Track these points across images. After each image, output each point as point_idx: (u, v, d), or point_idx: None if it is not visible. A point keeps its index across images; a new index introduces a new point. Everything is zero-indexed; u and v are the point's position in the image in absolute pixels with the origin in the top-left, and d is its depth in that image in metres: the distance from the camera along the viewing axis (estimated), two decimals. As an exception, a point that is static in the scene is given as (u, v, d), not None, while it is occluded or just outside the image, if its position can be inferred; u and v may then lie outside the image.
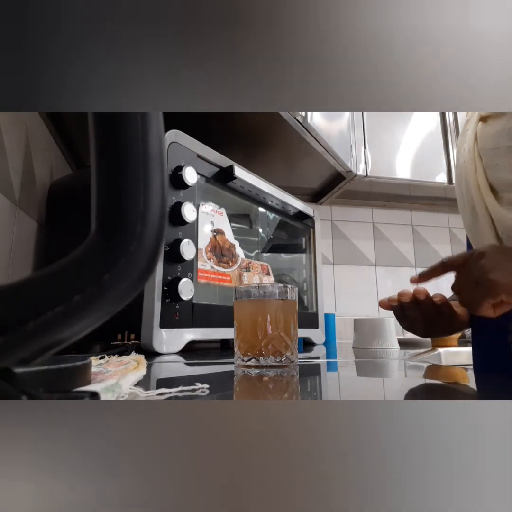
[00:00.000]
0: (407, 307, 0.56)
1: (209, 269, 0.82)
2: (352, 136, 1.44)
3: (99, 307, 0.16)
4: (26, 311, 0.15)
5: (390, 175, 1.50)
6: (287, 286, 0.51)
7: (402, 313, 0.57)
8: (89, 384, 0.30)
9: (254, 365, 0.48)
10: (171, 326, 0.70)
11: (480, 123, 0.56)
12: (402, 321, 0.59)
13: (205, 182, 0.85)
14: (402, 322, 0.59)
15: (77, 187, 0.91)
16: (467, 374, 0.49)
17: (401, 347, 0.92)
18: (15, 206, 0.78)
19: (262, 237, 1.07)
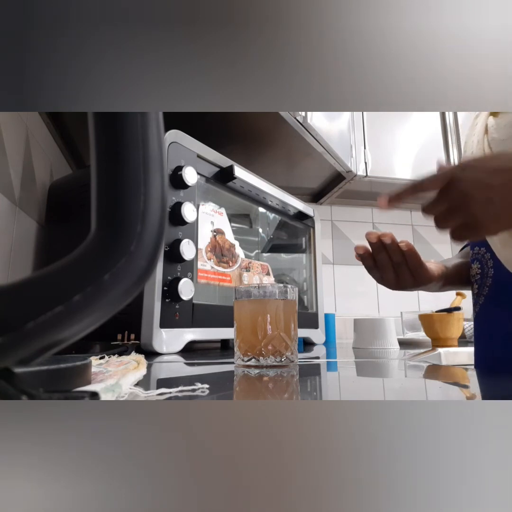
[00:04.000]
0: (375, 251, 0.57)
1: (209, 269, 0.82)
2: (352, 136, 1.44)
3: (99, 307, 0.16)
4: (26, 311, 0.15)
5: (390, 175, 1.50)
6: (287, 286, 0.51)
7: (372, 262, 0.58)
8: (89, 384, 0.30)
9: (254, 365, 0.48)
10: (171, 326, 0.70)
11: (491, 117, 0.57)
12: (372, 271, 0.60)
13: (205, 182, 0.85)
14: (372, 272, 0.60)
15: (77, 187, 0.91)
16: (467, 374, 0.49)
17: (401, 347, 0.92)
18: (15, 206, 0.78)
19: (262, 237, 1.07)
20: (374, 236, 0.56)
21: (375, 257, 0.58)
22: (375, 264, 0.59)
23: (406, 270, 0.58)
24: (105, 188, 0.17)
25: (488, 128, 0.56)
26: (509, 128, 0.53)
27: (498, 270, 0.57)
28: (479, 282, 0.61)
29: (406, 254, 0.57)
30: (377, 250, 0.57)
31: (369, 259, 0.59)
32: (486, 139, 0.56)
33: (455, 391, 0.38)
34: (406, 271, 0.58)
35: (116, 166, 0.16)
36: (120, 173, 0.16)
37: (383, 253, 0.57)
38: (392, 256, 0.57)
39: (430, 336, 1.06)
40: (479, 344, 0.62)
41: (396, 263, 0.57)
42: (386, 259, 0.57)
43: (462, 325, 1.05)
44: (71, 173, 1.11)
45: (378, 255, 0.57)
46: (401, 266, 0.58)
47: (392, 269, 0.58)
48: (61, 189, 0.95)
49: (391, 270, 0.58)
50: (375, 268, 0.59)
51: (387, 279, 0.59)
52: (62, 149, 1.11)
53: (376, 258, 0.58)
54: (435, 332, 1.04)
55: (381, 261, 0.58)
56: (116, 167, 0.16)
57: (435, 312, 1.08)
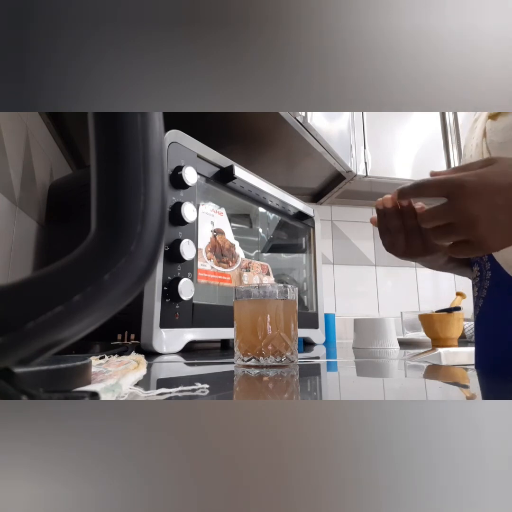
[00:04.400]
0: (390, 215, 0.57)
1: (209, 269, 0.82)
2: (352, 136, 1.44)
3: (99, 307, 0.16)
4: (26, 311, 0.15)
5: (390, 175, 1.50)
6: (287, 286, 0.51)
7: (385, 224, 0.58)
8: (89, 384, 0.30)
9: (254, 365, 0.48)
10: (171, 326, 0.70)
11: (489, 120, 0.57)
12: (384, 235, 0.59)
13: (205, 182, 0.85)
14: (384, 236, 0.60)
15: (77, 187, 0.91)
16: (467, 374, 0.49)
17: (401, 347, 0.92)
18: (15, 206, 0.78)
19: (262, 237, 1.07)
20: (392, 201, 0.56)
21: (388, 220, 0.58)
22: (387, 225, 0.58)
23: (418, 235, 0.58)
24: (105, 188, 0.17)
25: (487, 131, 0.56)
26: (508, 131, 0.53)
27: (496, 272, 0.57)
28: (478, 285, 0.61)
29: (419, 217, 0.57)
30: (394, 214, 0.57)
31: (384, 220, 0.58)
32: (485, 142, 0.56)
33: (455, 391, 0.38)
34: (417, 237, 0.58)
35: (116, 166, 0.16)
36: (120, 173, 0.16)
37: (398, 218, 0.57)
38: (405, 220, 0.57)
39: (430, 336, 1.06)
40: (479, 345, 0.63)
41: (408, 227, 0.57)
42: (399, 223, 0.57)
43: (462, 325, 1.05)
44: (71, 173, 1.11)
45: (394, 219, 0.57)
46: (413, 230, 0.57)
47: (404, 233, 0.58)
48: (61, 189, 0.95)
49: (403, 235, 0.58)
50: (388, 232, 0.59)
51: (398, 245, 0.59)
52: (62, 149, 1.11)
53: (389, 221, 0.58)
54: (435, 332, 1.04)
55: (393, 224, 0.57)
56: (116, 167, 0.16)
57: (435, 312, 1.08)
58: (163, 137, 0.18)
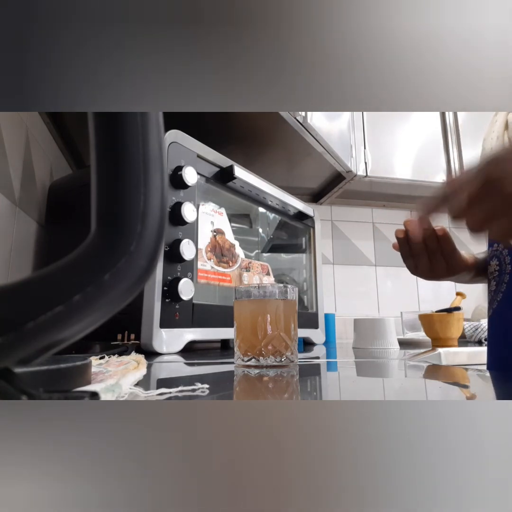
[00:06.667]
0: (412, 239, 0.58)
1: (209, 269, 0.82)
2: (352, 136, 1.44)
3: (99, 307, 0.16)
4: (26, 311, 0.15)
5: (390, 175, 1.50)
6: (287, 286, 0.51)
7: (408, 249, 0.59)
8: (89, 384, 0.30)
9: (254, 365, 0.48)
10: (171, 326, 0.70)
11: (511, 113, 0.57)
12: (408, 259, 0.60)
13: (205, 182, 0.85)
14: (408, 261, 0.61)
15: (77, 187, 0.91)
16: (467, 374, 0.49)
17: (401, 347, 0.92)
18: (15, 206, 0.78)
19: (262, 237, 1.07)
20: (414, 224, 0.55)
21: (410, 245, 0.59)
22: (410, 252, 0.59)
23: (440, 257, 0.59)
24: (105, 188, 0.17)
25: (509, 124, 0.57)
26: None
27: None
28: (497, 280, 0.61)
29: (441, 240, 0.58)
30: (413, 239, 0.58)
31: (406, 245, 0.59)
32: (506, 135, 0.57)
33: (455, 391, 0.38)
34: (440, 259, 0.59)
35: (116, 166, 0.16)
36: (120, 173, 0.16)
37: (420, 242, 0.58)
38: (428, 243, 0.58)
39: (430, 336, 1.06)
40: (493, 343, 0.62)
41: (431, 250, 0.58)
42: (422, 246, 0.58)
43: (462, 325, 1.05)
44: (71, 173, 1.11)
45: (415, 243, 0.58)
46: (436, 253, 0.58)
47: (427, 256, 0.59)
48: (61, 189, 0.95)
49: (426, 258, 0.59)
50: (411, 256, 0.60)
51: (422, 268, 0.60)
52: (62, 149, 1.11)
53: (411, 246, 0.58)
54: (435, 332, 1.04)
55: (416, 249, 0.58)
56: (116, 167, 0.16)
57: (435, 312, 1.08)
58: (163, 137, 0.18)
